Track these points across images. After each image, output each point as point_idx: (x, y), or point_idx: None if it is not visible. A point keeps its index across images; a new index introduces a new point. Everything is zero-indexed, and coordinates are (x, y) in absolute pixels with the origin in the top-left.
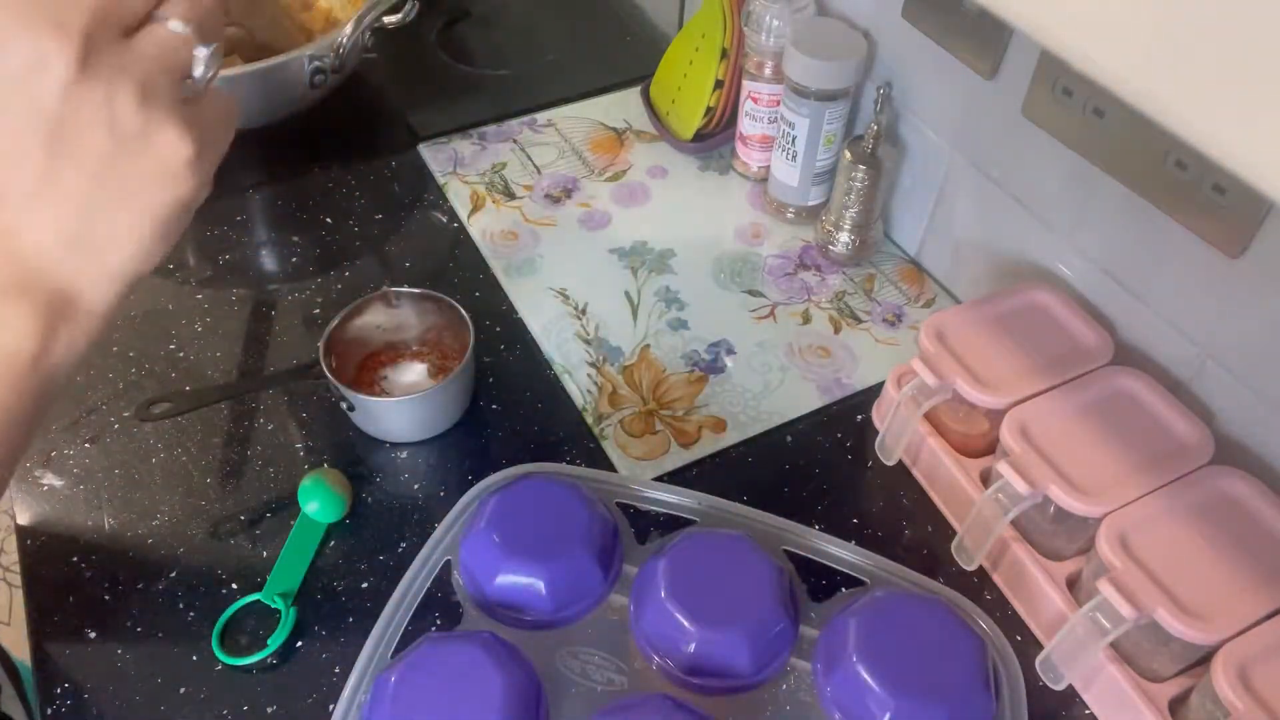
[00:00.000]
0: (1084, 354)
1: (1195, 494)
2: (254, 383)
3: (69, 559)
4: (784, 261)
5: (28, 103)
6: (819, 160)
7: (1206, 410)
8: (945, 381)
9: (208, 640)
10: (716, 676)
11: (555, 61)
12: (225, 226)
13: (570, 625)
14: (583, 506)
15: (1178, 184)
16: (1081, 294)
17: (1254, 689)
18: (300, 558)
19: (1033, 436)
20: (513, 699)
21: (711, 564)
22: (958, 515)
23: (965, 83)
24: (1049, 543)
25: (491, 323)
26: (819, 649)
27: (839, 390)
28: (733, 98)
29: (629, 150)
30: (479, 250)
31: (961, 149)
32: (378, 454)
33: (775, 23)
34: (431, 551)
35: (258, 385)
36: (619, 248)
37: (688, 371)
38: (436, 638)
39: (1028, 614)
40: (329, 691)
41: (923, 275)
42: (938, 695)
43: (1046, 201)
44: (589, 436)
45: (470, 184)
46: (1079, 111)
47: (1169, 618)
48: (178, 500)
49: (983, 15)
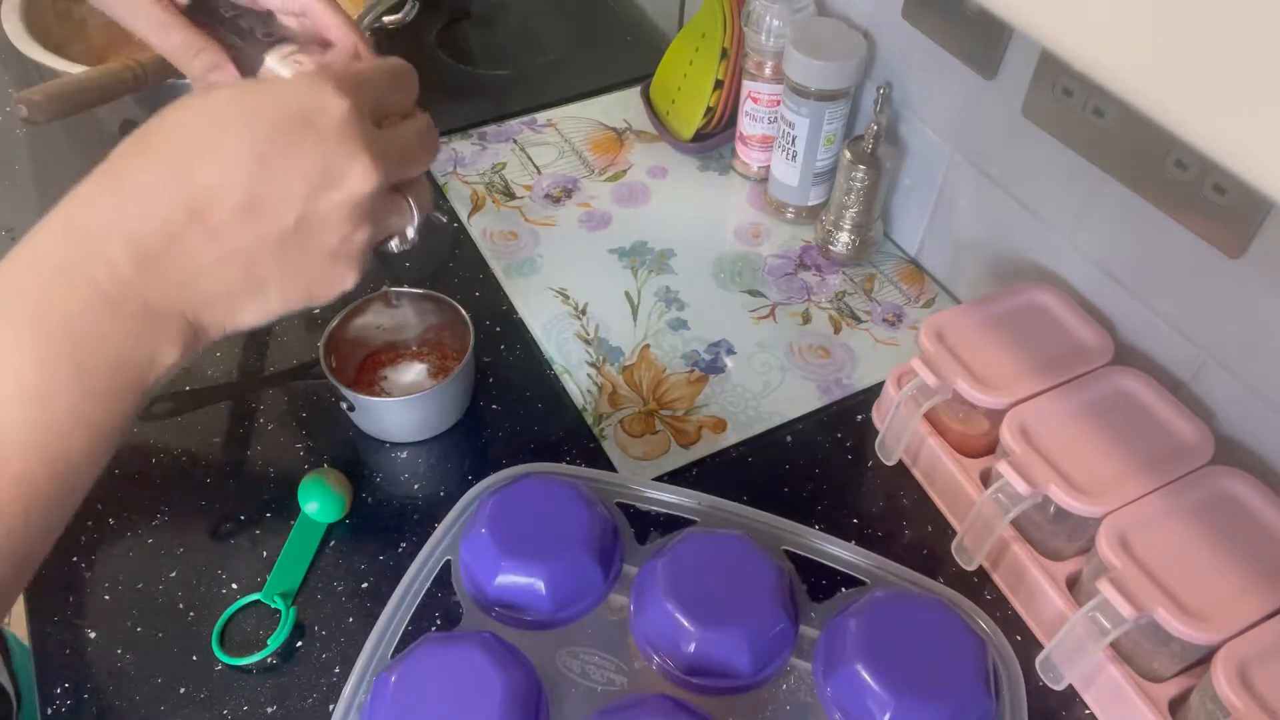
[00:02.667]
0: (1084, 354)
1: (1195, 494)
2: (254, 383)
3: (69, 559)
4: (784, 261)
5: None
6: (819, 160)
7: (1206, 410)
8: (945, 381)
9: (208, 640)
10: (716, 676)
11: (555, 61)
12: None
13: (570, 625)
14: (583, 506)
15: (1178, 184)
16: (1081, 294)
17: (1254, 689)
18: (300, 558)
19: (1033, 436)
20: (513, 699)
21: (711, 564)
22: (958, 515)
23: (965, 83)
24: (1049, 543)
25: (491, 323)
26: (819, 649)
27: (839, 390)
28: (733, 98)
29: (629, 150)
30: (479, 250)
31: (961, 149)
32: (378, 454)
33: (775, 23)
34: (431, 551)
35: (258, 385)
36: (619, 248)
37: (688, 371)
38: (436, 638)
39: (1028, 614)
40: (329, 691)
41: (923, 275)
42: (938, 695)
43: (1046, 201)
44: (589, 436)
45: (470, 184)
46: (1079, 111)
47: (1169, 618)
48: (178, 500)
49: (983, 15)
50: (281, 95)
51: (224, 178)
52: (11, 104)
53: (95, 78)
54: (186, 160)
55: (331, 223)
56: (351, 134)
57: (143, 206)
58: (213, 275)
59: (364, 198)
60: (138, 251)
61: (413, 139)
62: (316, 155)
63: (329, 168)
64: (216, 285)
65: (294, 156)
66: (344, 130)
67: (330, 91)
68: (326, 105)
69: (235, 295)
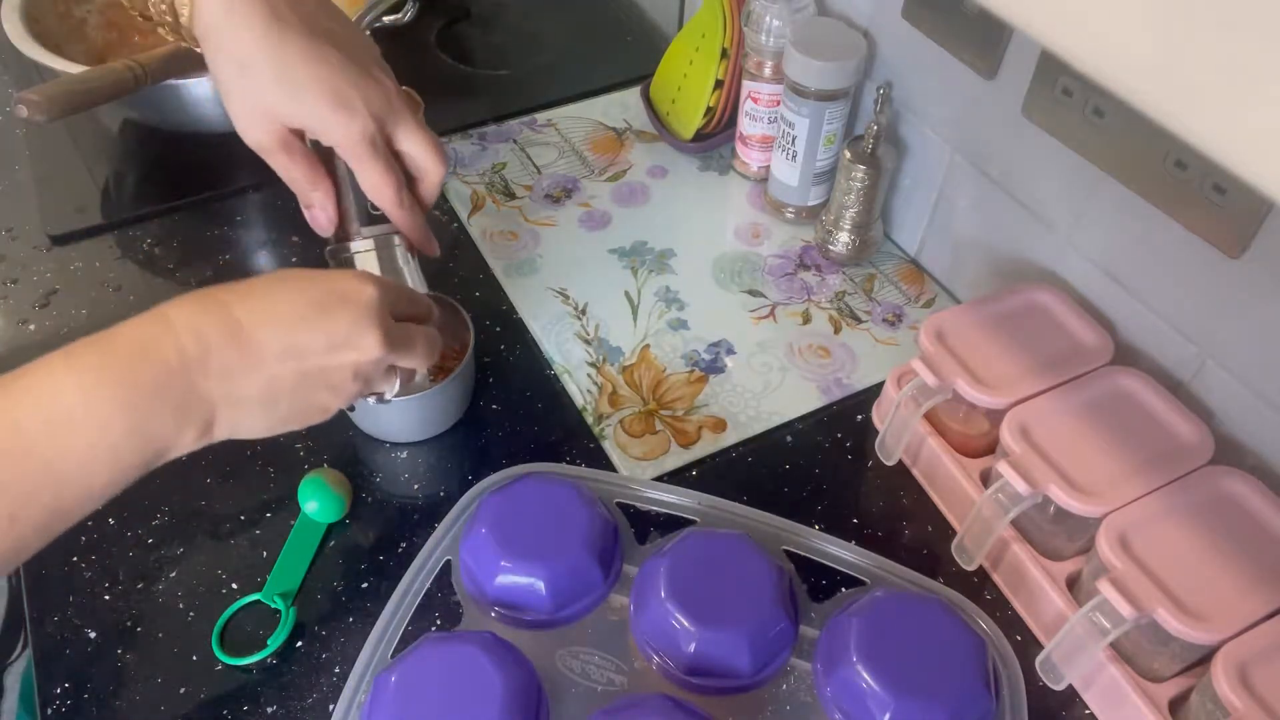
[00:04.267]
0: (1084, 354)
1: (1195, 494)
2: None
3: (69, 559)
4: (784, 261)
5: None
6: (819, 160)
7: (1206, 410)
8: (945, 381)
9: (208, 640)
10: (716, 676)
11: (555, 61)
12: (225, 226)
13: (570, 625)
14: (583, 506)
15: (1178, 184)
16: (1081, 294)
17: (1254, 689)
18: (300, 558)
19: (1033, 436)
20: (513, 699)
21: (711, 564)
22: (958, 515)
23: (965, 83)
24: (1049, 543)
25: (491, 323)
26: (819, 649)
27: (839, 390)
28: (733, 98)
29: (629, 150)
30: (479, 250)
31: (961, 149)
32: (378, 454)
33: (775, 23)
34: (431, 551)
35: None
36: (619, 248)
37: (688, 371)
38: (436, 638)
39: (1028, 614)
40: (329, 691)
41: (923, 275)
42: (938, 695)
43: (1046, 201)
44: (589, 436)
45: (470, 184)
46: (1079, 111)
47: (1169, 618)
48: (178, 500)
49: (983, 15)
50: (335, 277)
51: (279, 319)
52: (11, 104)
53: (95, 78)
54: (256, 298)
55: (337, 372)
56: (373, 315)
57: (218, 317)
58: (243, 383)
59: (367, 362)
60: (201, 344)
61: (418, 337)
62: (345, 322)
63: (350, 333)
64: (242, 393)
65: (329, 320)
66: (369, 310)
67: (369, 281)
68: (362, 290)
69: (250, 406)
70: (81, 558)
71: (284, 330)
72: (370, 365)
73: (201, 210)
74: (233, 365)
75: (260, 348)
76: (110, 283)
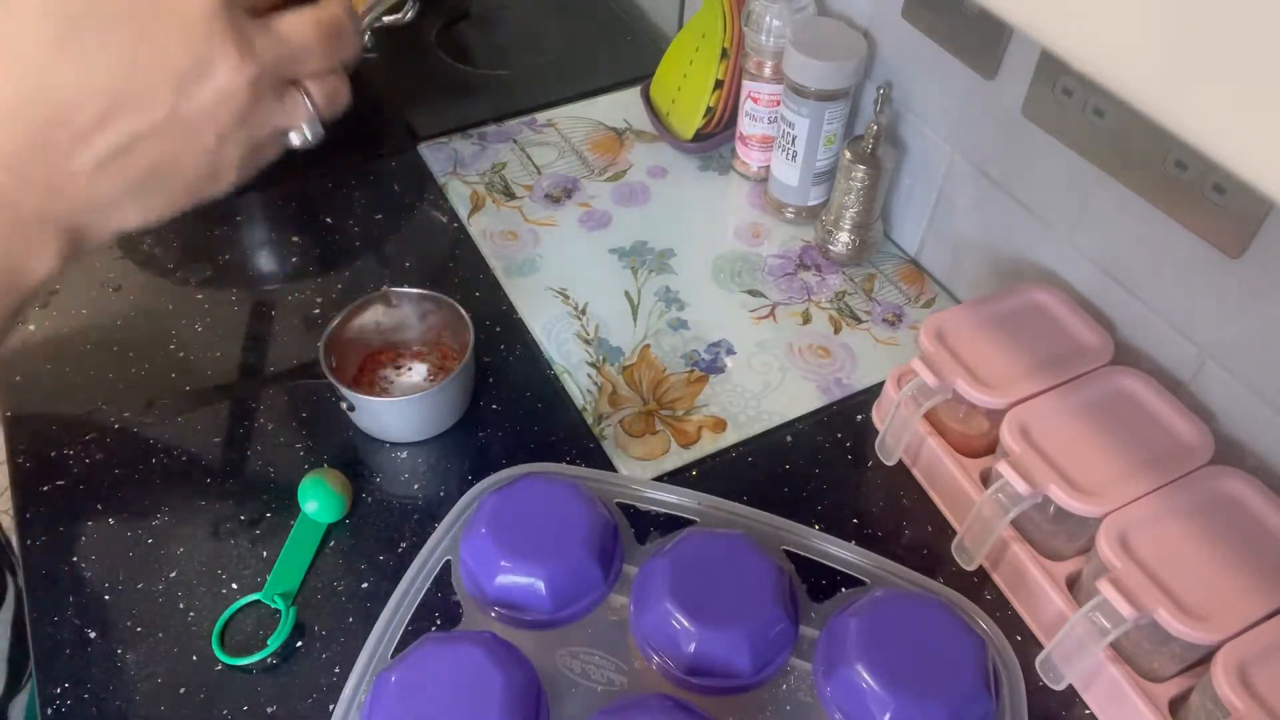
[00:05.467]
0: (1084, 354)
1: (1195, 494)
2: (254, 383)
3: (69, 559)
4: (784, 261)
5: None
6: (819, 160)
7: (1206, 410)
8: (945, 381)
9: (208, 640)
10: (716, 676)
11: (555, 61)
12: (225, 226)
13: (570, 625)
14: (582, 506)
15: (1178, 184)
16: (1081, 294)
17: (1254, 689)
18: (300, 558)
19: (1033, 436)
20: (513, 699)
21: (711, 564)
22: (958, 515)
23: (965, 83)
24: (1049, 543)
25: (491, 323)
26: (819, 649)
27: (839, 390)
28: (733, 98)
29: (629, 150)
30: (479, 250)
31: (961, 149)
32: (378, 454)
33: (775, 23)
34: (431, 551)
35: (258, 385)
36: (619, 248)
37: (688, 371)
38: (436, 638)
39: (1028, 614)
40: (329, 691)
41: (923, 275)
42: (938, 695)
43: (1046, 201)
44: (589, 436)
45: (470, 184)
46: (1079, 111)
47: (1169, 618)
48: (178, 500)
49: (983, 15)
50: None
51: (82, 81)
52: None
53: None
54: (38, 66)
55: (204, 118)
56: (218, 24)
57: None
58: (86, 181)
59: (237, 91)
60: (5, 163)
61: (307, 29)
62: (180, 48)
63: (195, 60)
64: (91, 191)
65: (156, 51)
66: (209, 20)
67: None
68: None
69: (113, 199)
70: (81, 558)
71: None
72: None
73: (201, 210)
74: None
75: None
76: (110, 282)
